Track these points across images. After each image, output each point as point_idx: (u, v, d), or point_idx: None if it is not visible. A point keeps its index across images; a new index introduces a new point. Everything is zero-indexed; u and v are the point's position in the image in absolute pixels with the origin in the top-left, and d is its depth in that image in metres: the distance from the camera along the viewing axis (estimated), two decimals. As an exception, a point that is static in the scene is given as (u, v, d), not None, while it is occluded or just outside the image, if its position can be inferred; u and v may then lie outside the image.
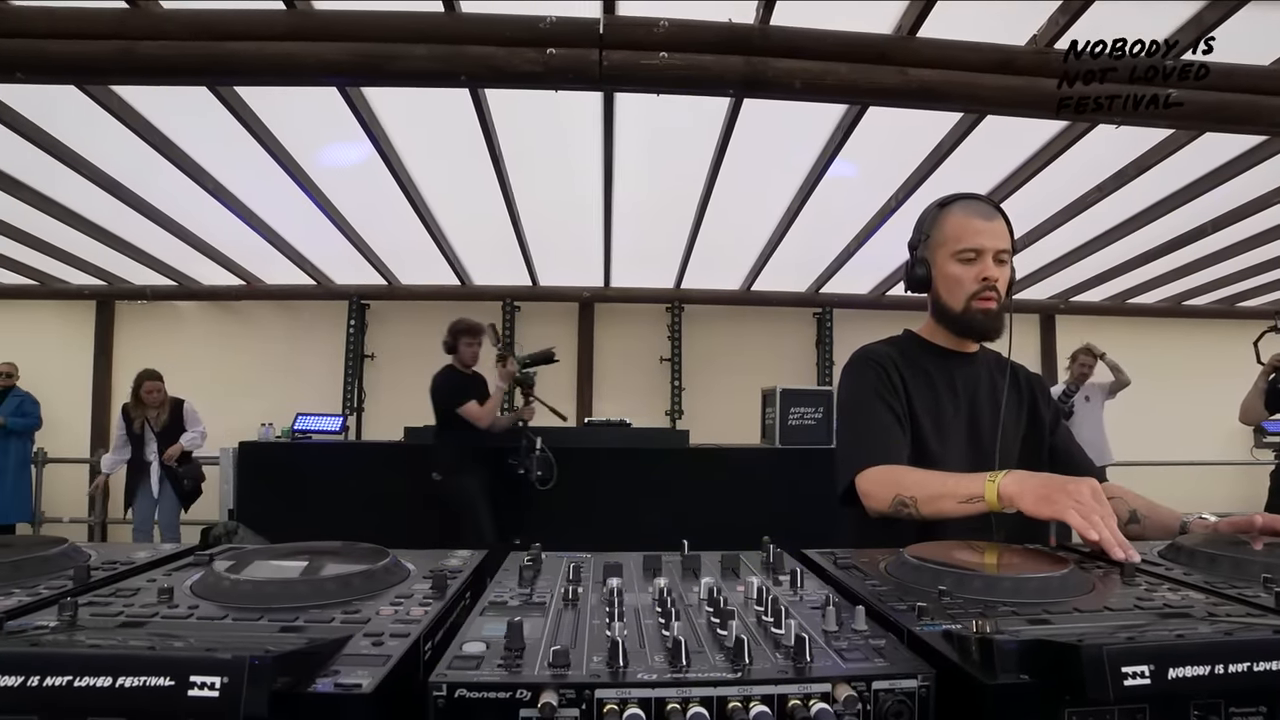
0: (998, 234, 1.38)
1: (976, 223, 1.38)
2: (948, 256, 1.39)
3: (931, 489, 1.19)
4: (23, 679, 0.52)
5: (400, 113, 3.74)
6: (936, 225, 1.42)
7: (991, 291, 1.37)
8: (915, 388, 1.42)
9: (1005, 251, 1.39)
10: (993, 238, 1.37)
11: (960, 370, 1.46)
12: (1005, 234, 1.39)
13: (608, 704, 0.54)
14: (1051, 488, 1.03)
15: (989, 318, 1.39)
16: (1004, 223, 1.40)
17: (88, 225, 4.80)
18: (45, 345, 6.34)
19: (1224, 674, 0.52)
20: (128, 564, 0.93)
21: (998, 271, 1.37)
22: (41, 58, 2.62)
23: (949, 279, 1.39)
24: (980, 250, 1.37)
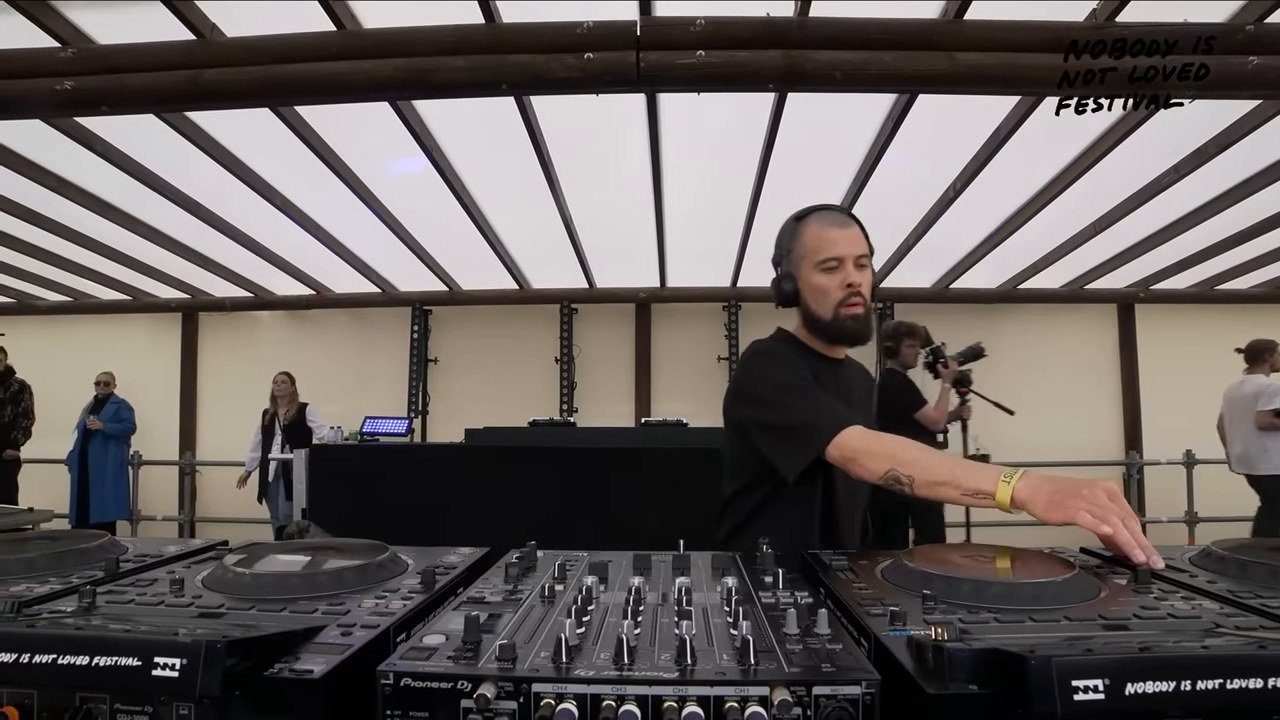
0: (854, 240, 1.41)
1: (833, 232, 1.41)
2: (811, 268, 1.42)
3: (934, 473, 1.16)
4: (15, 656, 0.57)
5: (452, 124, 3.85)
6: (796, 239, 1.46)
7: (857, 297, 1.40)
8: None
9: (864, 257, 1.42)
10: (850, 245, 1.41)
11: (835, 375, 1.50)
12: (861, 240, 1.42)
13: (545, 698, 0.55)
14: (1064, 492, 0.98)
15: (858, 322, 1.42)
16: (859, 229, 1.43)
17: (172, 243, 5.17)
18: (137, 355, 6.84)
19: (1191, 691, 0.48)
20: (156, 557, 1.00)
21: (859, 276, 1.40)
22: (122, 91, 2.84)
23: (815, 289, 1.42)
24: (841, 258, 1.39)
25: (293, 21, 2.85)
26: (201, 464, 6.84)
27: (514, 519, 4.57)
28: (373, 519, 5.04)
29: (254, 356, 6.70)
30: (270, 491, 5.82)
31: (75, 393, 6.13)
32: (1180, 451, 5.92)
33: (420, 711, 0.57)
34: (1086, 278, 5.85)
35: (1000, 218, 4.82)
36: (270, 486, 5.82)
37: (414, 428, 6.54)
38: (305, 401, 6.08)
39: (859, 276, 1.40)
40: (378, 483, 5.33)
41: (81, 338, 6.94)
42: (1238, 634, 0.63)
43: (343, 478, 5.40)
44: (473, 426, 5.52)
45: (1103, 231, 4.73)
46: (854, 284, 1.39)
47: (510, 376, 6.88)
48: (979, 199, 4.36)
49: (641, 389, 6.96)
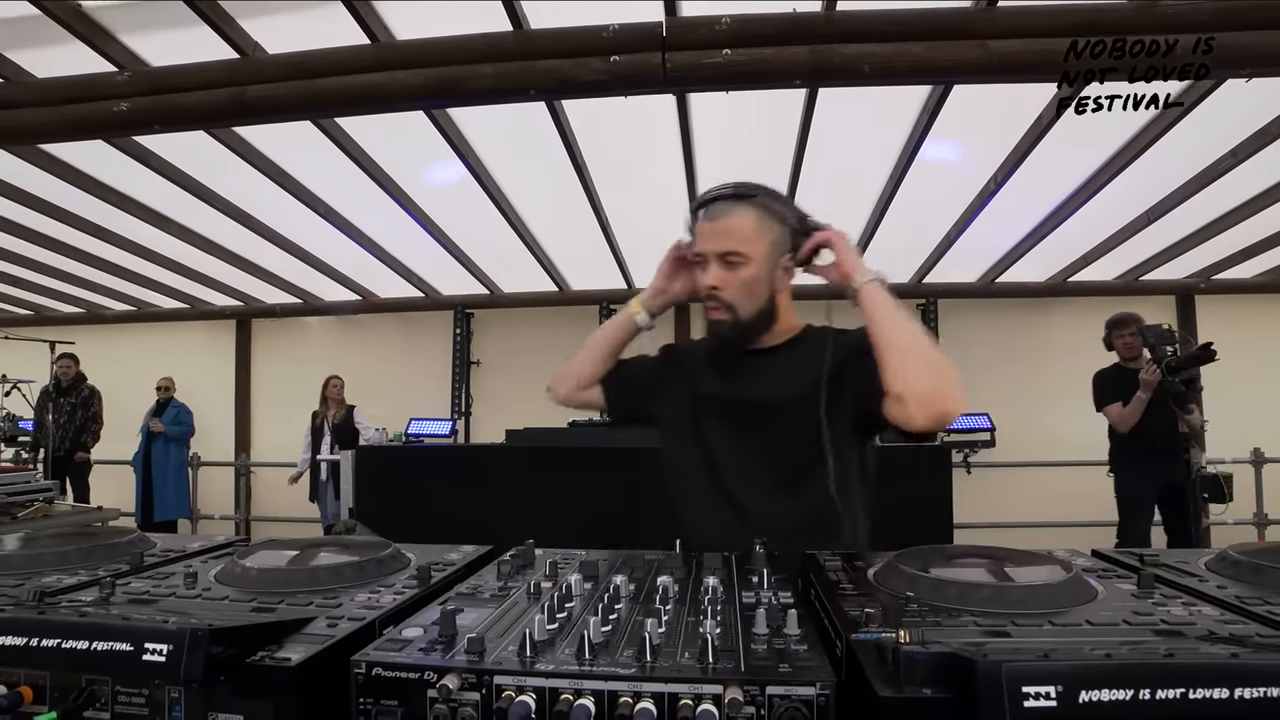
0: (718, 234, 1.24)
1: (702, 225, 1.27)
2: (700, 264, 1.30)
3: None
4: (27, 639, 0.62)
5: (486, 130, 3.92)
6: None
7: (713, 301, 1.27)
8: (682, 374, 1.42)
9: (734, 254, 1.24)
10: (712, 239, 1.25)
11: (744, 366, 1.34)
12: (731, 232, 1.24)
13: (505, 690, 0.57)
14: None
15: (719, 328, 1.28)
16: (737, 219, 1.24)
17: (226, 253, 5.41)
18: (195, 360, 7.16)
19: (1151, 700, 0.47)
20: (179, 552, 1.05)
21: (719, 276, 1.24)
22: (172, 110, 2.99)
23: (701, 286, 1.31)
24: (704, 255, 1.26)
25: (329, 35, 2.95)
26: (256, 465, 7.12)
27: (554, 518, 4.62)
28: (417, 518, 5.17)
29: (304, 360, 6.95)
30: (321, 491, 6.03)
31: (140, 397, 6.46)
32: (1248, 449, 5.61)
33: (390, 700, 0.59)
34: (1142, 269, 5.59)
35: (1046, 209, 4.66)
36: (321, 486, 6.03)
37: (457, 429, 6.68)
38: (353, 404, 6.29)
39: (718, 276, 1.24)
40: (422, 482, 5.47)
41: (144, 345, 7.31)
42: (1252, 643, 0.60)
43: (388, 478, 5.56)
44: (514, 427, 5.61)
45: (1157, 220, 4.52)
46: (707, 285, 1.26)
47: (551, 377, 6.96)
48: (1023, 190, 4.22)
49: (682, 389, 6.94)
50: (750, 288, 1.25)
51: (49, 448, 5.62)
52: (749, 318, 1.27)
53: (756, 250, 1.24)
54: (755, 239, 1.24)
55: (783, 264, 1.29)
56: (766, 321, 1.31)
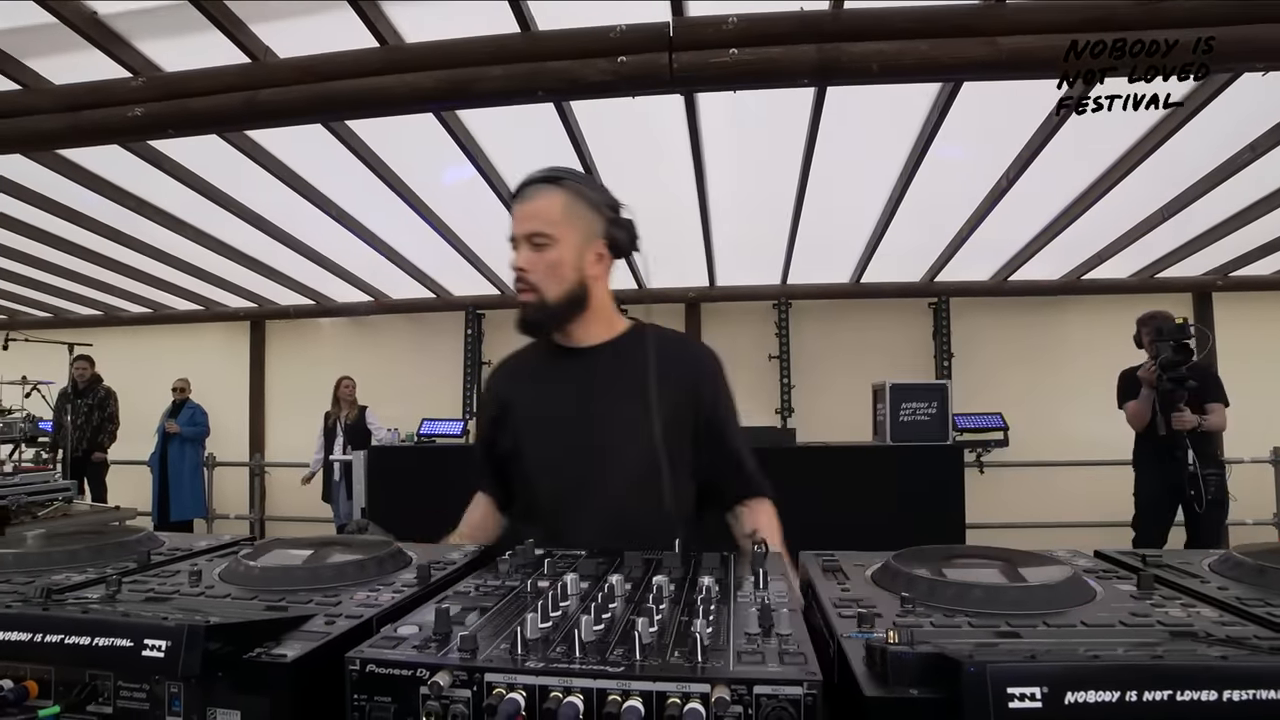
0: (526, 216, 1.27)
1: (515, 209, 1.30)
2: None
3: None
4: (31, 635, 0.63)
5: (495, 131, 3.94)
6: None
7: (521, 283, 1.27)
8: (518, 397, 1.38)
9: (541, 235, 1.26)
10: (520, 221, 1.28)
11: (567, 365, 1.35)
12: (538, 213, 1.26)
13: (496, 688, 0.57)
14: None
15: (526, 310, 1.29)
16: (545, 201, 1.27)
17: (240, 256, 5.47)
18: (210, 361, 7.25)
19: (1137, 702, 0.47)
20: (186, 551, 1.07)
21: (526, 258, 1.26)
22: (186, 114, 3.03)
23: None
24: (514, 238, 1.28)
25: (339, 39, 2.98)
26: (270, 465, 7.19)
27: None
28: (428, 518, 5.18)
29: (317, 361, 7.02)
30: (333, 491, 6.08)
31: (156, 398, 6.55)
32: (1267, 449, 5.53)
33: (384, 696, 0.60)
34: (1158, 266, 5.53)
35: (1059, 206, 4.61)
36: (334, 486, 6.08)
37: (469, 429, 6.71)
38: (365, 404, 6.34)
39: (525, 258, 1.26)
40: (433, 483, 5.50)
41: (160, 346, 7.41)
42: (1246, 644, 0.60)
43: (400, 478, 5.59)
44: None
45: (1173, 216, 4.46)
46: (514, 266, 1.28)
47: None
48: (1035, 187, 4.19)
49: (693, 389, 6.94)
50: (556, 270, 1.26)
51: (67, 448, 5.71)
52: (556, 301, 1.27)
53: (562, 233, 1.26)
54: (561, 222, 1.26)
55: (595, 250, 1.30)
56: (576, 307, 1.30)
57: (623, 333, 1.37)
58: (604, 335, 1.35)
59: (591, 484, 1.28)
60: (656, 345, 1.30)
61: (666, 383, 1.29)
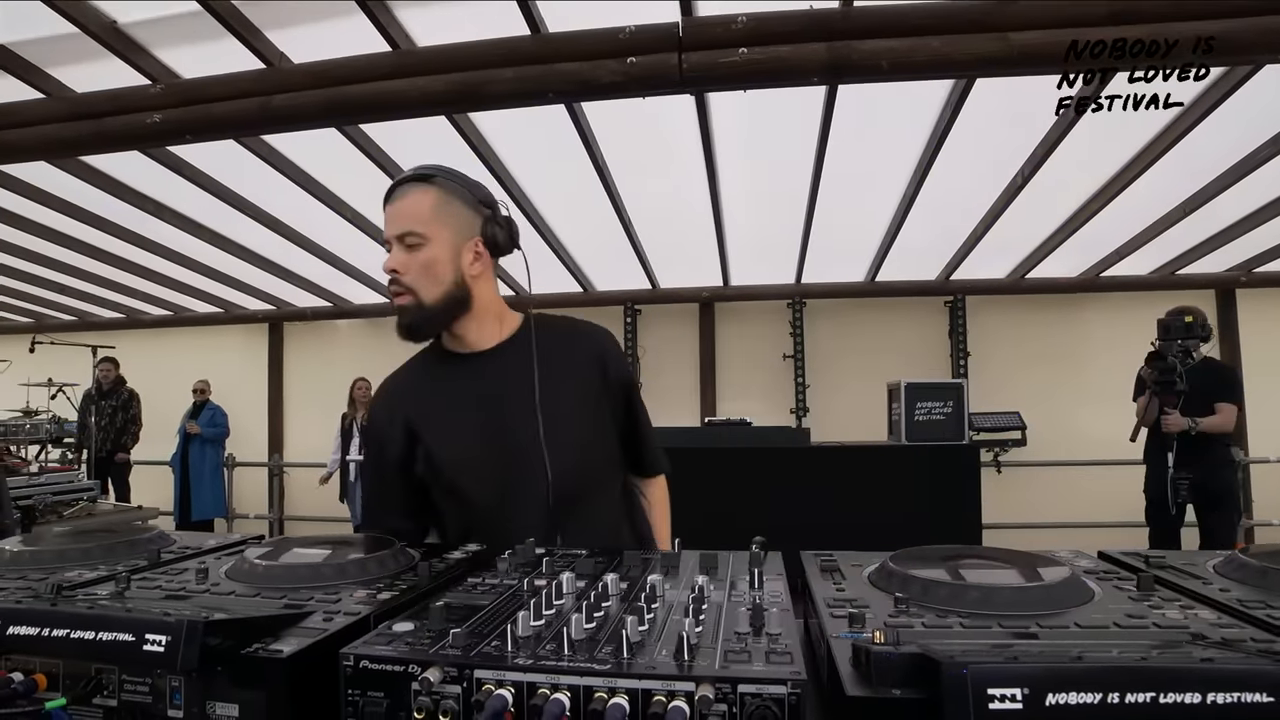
0: (397, 216, 1.23)
1: (386, 210, 1.26)
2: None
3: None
4: (38, 629, 0.65)
5: (507, 134, 3.97)
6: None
7: (395, 285, 1.23)
8: (420, 413, 1.30)
9: (411, 234, 1.21)
10: (392, 221, 1.24)
11: (477, 370, 1.30)
12: (408, 212, 1.22)
13: (485, 684, 0.58)
14: None
15: (402, 314, 1.24)
16: (417, 198, 1.23)
17: (258, 258, 5.55)
18: (230, 363, 7.36)
19: (1120, 704, 0.46)
20: (196, 549, 1.09)
21: (399, 260, 1.22)
22: (203, 119, 3.08)
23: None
24: (387, 240, 1.24)
25: (353, 44, 3.02)
26: (288, 465, 7.28)
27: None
28: (444, 517, 5.24)
29: (334, 362, 7.09)
30: (350, 491, 6.15)
31: (177, 399, 6.66)
32: (1292, 448, 5.43)
33: (377, 692, 0.61)
34: (1179, 262, 5.43)
35: (1077, 202, 4.56)
36: (350, 487, 6.15)
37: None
38: None
39: (398, 260, 1.22)
40: (449, 482, 5.55)
41: (181, 348, 7.54)
42: (1239, 649, 0.59)
43: (416, 477, 5.65)
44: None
45: (1194, 212, 4.39)
46: (387, 268, 1.23)
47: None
48: (1052, 182, 4.14)
49: (707, 389, 6.94)
50: (430, 269, 1.22)
51: (91, 449, 5.82)
52: (434, 302, 1.23)
53: (435, 231, 1.22)
54: (433, 220, 1.22)
55: (472, 249, 1.26)
56: (458, 308, 1.26)
57: (518, 329, 1.33)
58: (499, 335, 1.32)
59: (526, 487, 1.23)
60: (552, 333, 1.32)
61: (574, 370, 1.30)
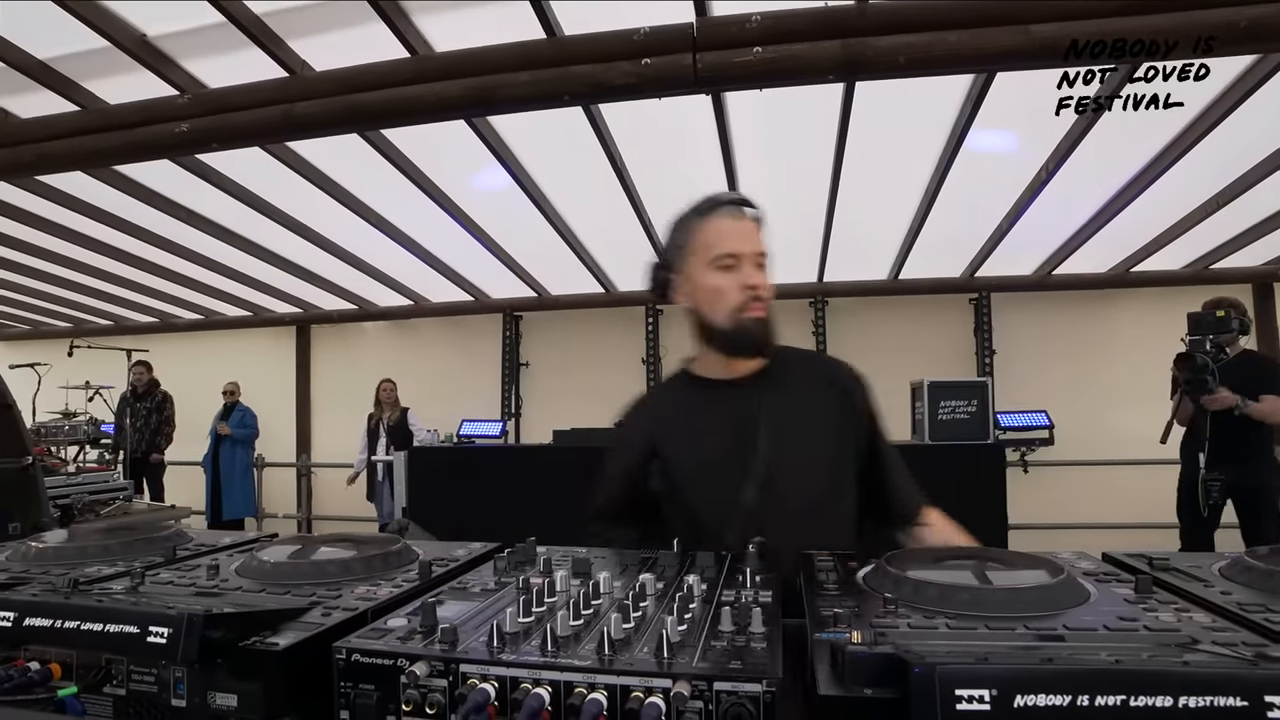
0: (751, 236, 1.27)
1: (727, 224, 1.27)
2: (703, 266, 1.26)
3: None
4: (52, 621, 0.68)
5: (528, 136, 4.00)
6: (688, 233, 1.30)
7: (759, 301, 1.25)
8: (666, 433, 1.32)
9: (763, 256, 1.27)
10: (748, 239, 1.26)
11: (722, 403, 1.30)
12: (759, 237, 1.28)
13: (470, 678, 0.60)
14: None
15: (763, 326, 1.26)
16: (753, 224, 1.29)
17: (285, 263, 5.67)
18: (258, 365, 7.52)
19: (1090, 707, 0.46)
20: (211, 546, 1.12)
21: (759, 277, 1.25)
22: (228, 128, 3.16)
23: (709, 291, 1.26)
24: (738, 255, 1.24)
25: (373, 50, 3.06)
26: (316, 465, 7.42)
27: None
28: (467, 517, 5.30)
29: (360, 364, 7.22)
30: (377, 491, 6.25)
31: (208, 401, 6.83)
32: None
33: (368, 684, 0.63)
34: (1213, 256, 5.28)
35: (1106, 195, 4.45)
36: (377, 486, 6.25)
37: (507, 429, 6.82)
38: (406, 406, 6.49)
39: (759, 277, 1.25)
40: (471, 482, 5.60)
41: (212, 351, 7.73)
42: (1227, 653, 0.58)
43: (440, 478, 5.71)
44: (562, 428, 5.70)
45: (1229, 204, 4.26)
46: (753, 285, 1.24)
47: (599, 378, 7.02)
48: (1079, 176, 4.05)
49: (727, 389, 6.91)
50: (772, 293, 1.28)
51: (126, 450, 6.00)
52: (772, 319, 1.28)
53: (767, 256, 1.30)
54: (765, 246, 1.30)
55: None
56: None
57: (770, 360, 1.33)
58: (750, 367, 1.33)
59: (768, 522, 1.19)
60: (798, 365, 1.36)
61: (821, 404, 1.33)
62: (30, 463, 2.50)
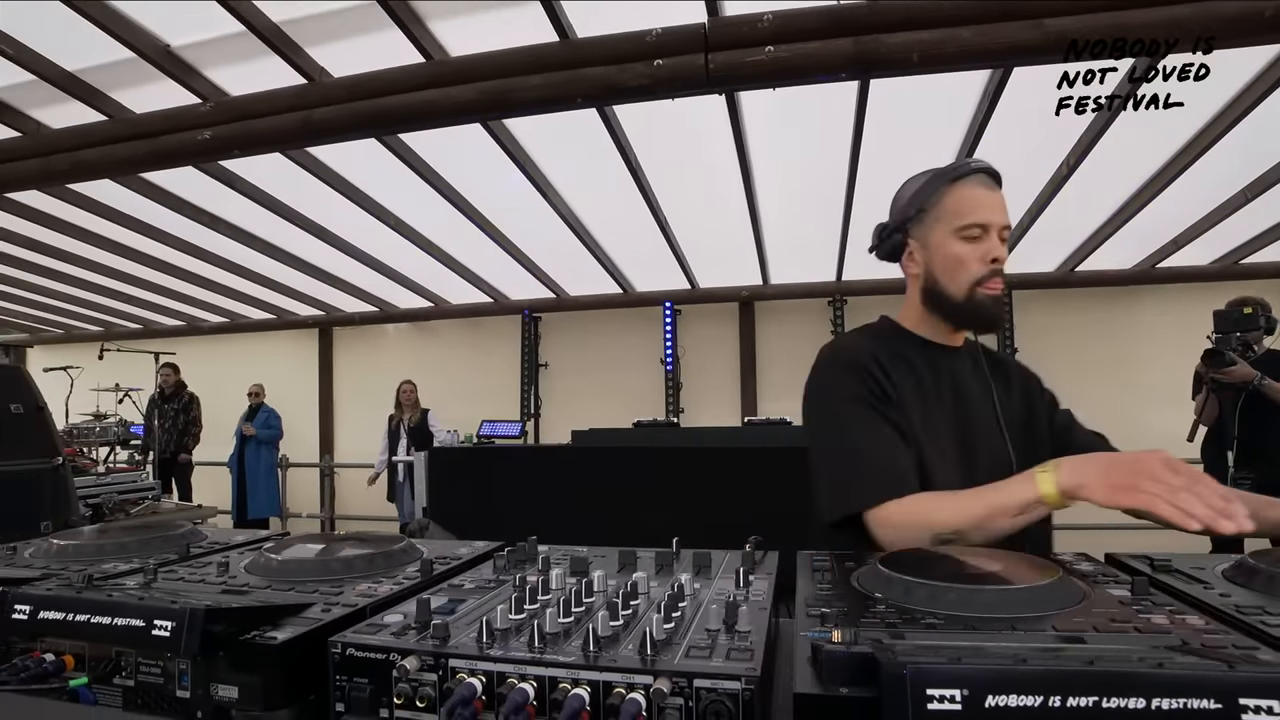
0: (1000, 207, 1.22)
1: (980, 193, 1.21)
2: (948, 234, 1.21)
3: (973, 512, 1.02)
4: (64, 614, 0.71)
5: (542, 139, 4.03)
6: (934, 196, 1.24)
7: (999, 276, 1.21)
8: (903, 389, 1.22)
9: (1008, 229, 1.23)
10: (998, 211, 1.21)
11: (946, 365, 1.28)
12: (1004, 206, 1.23)
13: (459, 672, 0.61)
14: (1123, 470, 0.91)
15: (998, 305, 1.22)
16: (999, 194, 1.23)
17: (307, 266, 5.78)
18: (282, 367, 7.67)
19: (1061, 708, 0.46)
20: (224, 544, 1.15)
21: (1002, 250, 1.21)
22: (248, 136, 3.23)
23: (950, 259, 1.21)
24: (987, 225, 1.19)
25: (389, 56, 3.11)
26: (339, 466, 7.54)
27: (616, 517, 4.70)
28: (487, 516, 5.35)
29: (381, 365, 7.32)
30: (398, 491, 6.33)
31: (234, 402, 6.97)
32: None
33: (362, 678, 0.65)
34: (1242, 251, 5.16)
35: (1130, 189, 4.37)
36: (398, 487, 6.33)
37: (526, 430, 6.86)
38: (427, 407, 6.57)
39: (1002, 251, 1.21)
40: (491, 482, 5.65)
41: (237, 353, 7.89)
42: (1211, 657, 0.58)
43: (459, 478, 5.77)
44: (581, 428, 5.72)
45: (1257, 197, 4.16)
46: (999, 259, 1.20)
47: (618, 378, 7.05)
48: (1102, 170, 3.98)
49: (747, 388, 6.91)
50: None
51: (155, 451, 6.14)
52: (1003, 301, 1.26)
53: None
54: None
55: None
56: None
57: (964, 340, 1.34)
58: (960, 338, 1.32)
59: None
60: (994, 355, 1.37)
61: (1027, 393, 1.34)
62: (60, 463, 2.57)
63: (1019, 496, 1.01)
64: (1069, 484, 0.96)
